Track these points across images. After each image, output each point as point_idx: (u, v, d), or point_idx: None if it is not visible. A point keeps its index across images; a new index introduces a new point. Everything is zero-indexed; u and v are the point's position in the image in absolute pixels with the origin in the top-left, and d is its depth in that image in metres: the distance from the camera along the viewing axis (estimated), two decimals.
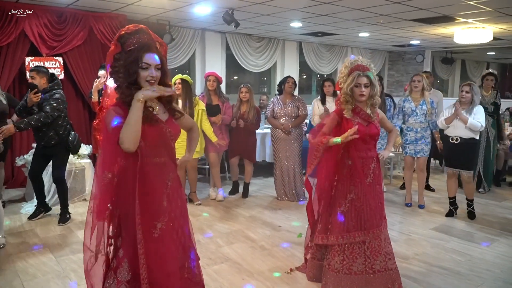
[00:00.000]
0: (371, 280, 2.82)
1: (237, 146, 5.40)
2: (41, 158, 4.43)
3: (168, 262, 1.97)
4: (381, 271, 2.84)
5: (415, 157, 5.04)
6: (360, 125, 2.82)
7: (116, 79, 1.94)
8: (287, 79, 5.34)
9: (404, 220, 4.68)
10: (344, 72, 2.90)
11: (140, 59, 1.91)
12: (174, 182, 2.08)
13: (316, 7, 5.74)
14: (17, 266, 3.35)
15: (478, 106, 4.49)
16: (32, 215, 4.54)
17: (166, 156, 2.04)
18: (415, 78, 4.95)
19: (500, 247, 3.90)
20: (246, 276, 3.23)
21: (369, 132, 2.88)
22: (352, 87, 2.82)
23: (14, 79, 5.71)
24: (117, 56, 1.95)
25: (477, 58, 12.53)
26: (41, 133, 4.25)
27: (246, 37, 8.35)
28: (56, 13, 5.78)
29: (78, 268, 3.31)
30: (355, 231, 2.83)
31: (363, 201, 2.85)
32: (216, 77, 5.27)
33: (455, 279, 3.22)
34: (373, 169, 2.92)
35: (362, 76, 2.82)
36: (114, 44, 1.97)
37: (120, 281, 1.94)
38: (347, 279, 2.82)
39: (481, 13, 5.86)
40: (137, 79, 1.93)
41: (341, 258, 2.84)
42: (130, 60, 1.91)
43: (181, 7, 5.81)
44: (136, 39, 1.95)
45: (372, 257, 2.83)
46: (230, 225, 4.45)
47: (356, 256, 2.83)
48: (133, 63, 1.91)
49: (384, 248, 2.88)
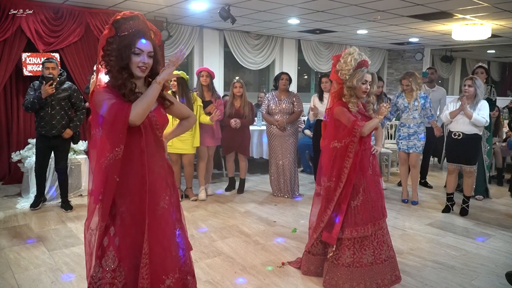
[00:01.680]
0: (379, 270, 2.86)
1: (232, 142, 5.39)
2: (47, 152, 4.58)
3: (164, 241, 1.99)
4: (386, 260, 2.90)
5: (408, 153, 5.03)
6: (363, 119, 2.90)
7: (107, 62, 1.94)
8: (281, 76, 5.31)
9: (399, 216, 4.66)
10: (352, 65, 2.83)
11: (133, 44, 1.91)
12: (162, 170, 2.06)
13: (313, 3, 5.72)
14: (9, 259, 3.35)
15: (482, 100, 4.47)
16: (33, 204, 4.65)
17: (153, 145, 2.02)
18: (403, 82, 5.00)
19: (496, 243, 3.87)
20: (239, 269, 3.22)
21: None
22: (360, 83, 2.86)
23: (11, 75, 5.71)
24: (110, 40, 1.94)
25: (477, 57, 12.48)
26: (55, 121, 4.46)
27: (244, 34, 8.35)
28: (52, 9, 5.78)
29: (70, 261, 3.31)
30: (366, 224, 2.85)
31: (368, 193, 2.88)
32: (209, 72, 5.26)
33: (449, 273, 3.20)
34: (371, 161, 2.97)
35: (368, 73, 2.85)
36: (109, 28, 1.96)
37: (106, 270, 1.93)
38: (358, 272, 2.81)
39: (479, 8, 5.83)
40: (128, 64, 1.93)
41: (351, 252, 2.83)
42: (123, 44, 1.91)
43: (177, 3, 5.81)
44: (131, 25, 1.95)
45: (379, 248, 2.88)
46: (225, 220, 4.44)
47: (365, 248, 2.84)
48: (126, 47, 1.91)
49: (387, 237, 2.95)
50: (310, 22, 7.17)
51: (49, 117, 4.44)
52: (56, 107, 4.48)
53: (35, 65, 5.67)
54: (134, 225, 1.94)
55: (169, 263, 2.01)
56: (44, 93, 4.28)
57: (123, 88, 1.92)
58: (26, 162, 4.97)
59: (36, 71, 5.61)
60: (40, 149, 4.56)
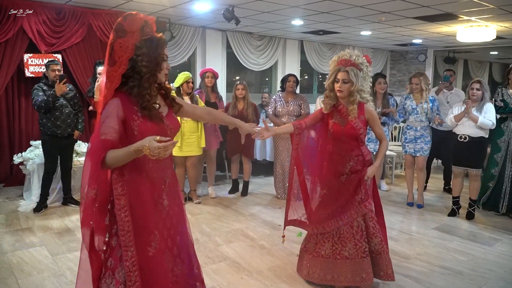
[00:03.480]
0: (337, 265, 2.85)
1: (236, 144, 5.34)
2: (57, 153, 4.63)
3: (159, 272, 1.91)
4: (351, 258, 2.82)
5: (415, 156, 4.98)
6: (335, 125, 2.83)
7: (139, 68, 1.82)
8: (288, 78, 5.28)
9: (405, 220, 4.62)
10: (331, 66, 2.88)
11: (163, 48, 1.88)
12: (172, 179, 2.03)
13: (318, 4, 5.67)
14: (12, 264, 3.30)
15: (488, 103, 4.42)
16: (37, 209, 4.62)
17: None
18: (413, 81, 4.93)
19: (503, 247, 3.83)
20: (245, 275, 3.18)
21: (345, 133, 2.82)
22: (332, 82, 2.80)
23: (13, 76, 5.66)
24: (139, 44, 1.83)
25: (479, 58, 12.45)
26: (69, 120, 4.56)
27: (247, 35, 8.30)
28: (55, 10, 5.73)
29: (74, 267, 3.25)
30: (327, 222, 2.90)
31: (334, 196, 2.90)
32: (214, 73, 5.22)
33: (457, 279, 3.16)
34: (350, 167, 2.86)
35: (342, 71, 2.75)
36: (135, 32, 1.84)
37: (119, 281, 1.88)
38: (317, 261, 2.94)
39: (484, 10, 5.78)
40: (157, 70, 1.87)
41: (314, 242, 2.97)
42: (154, 47, 1.83)
43: (181, 4, 5.76)
44: (149, 28, 1.89)
45: (340, 243, 2.85)
46: (229, 223, 4.40)
47: (324, 241, 2.91)
48: (158, 51, 1.85)
49: (355, 235, 2.83)
50: (314, 23, 7.13)
51: (65, 116, 4.53)
52: (68, 107, 4.58)
53: (37, 66, 5.62)
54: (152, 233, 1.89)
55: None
56: (58, 91, 4.33)
57: (148, 99, 1.82)
58: (28, 164, 4.92)
59: (38, 72, 5.56)
60: (50, 151, 4.56)
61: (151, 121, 1.83)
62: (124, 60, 1.79)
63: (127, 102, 1.81)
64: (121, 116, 1.79)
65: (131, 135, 1.81)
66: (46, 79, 4.52)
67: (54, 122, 4.47)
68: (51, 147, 4.55)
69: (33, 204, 4.70)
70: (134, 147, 1.68)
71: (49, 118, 4.46)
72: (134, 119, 1.81)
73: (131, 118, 1.80)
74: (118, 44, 1.80)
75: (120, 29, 1.82)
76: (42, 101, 4.33)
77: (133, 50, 1.81)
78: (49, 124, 4.47)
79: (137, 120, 1.81)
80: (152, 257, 1.86)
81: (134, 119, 1.81)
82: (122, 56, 1.79)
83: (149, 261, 1.86)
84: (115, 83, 1.80)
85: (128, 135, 1.81)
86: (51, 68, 4.47)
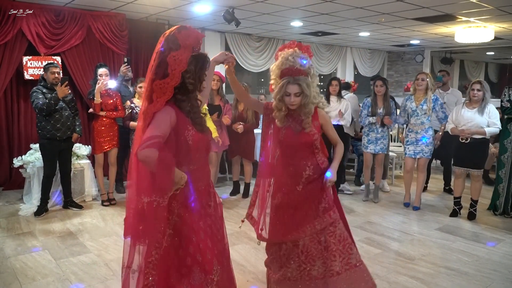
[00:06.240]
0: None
1: (237, 146, 5.34)
2: (56, 156, 4.61)
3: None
4: (320, 278, 2.48)
5: (416, 158, 4.95)
6: (289, 131, 2.52)
7: (188, 85, 1.87)
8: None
9: (407, 220, 4.63)
10: (276, 73, 2.48)
11: (206, 65, 1.93)
12: (212, 185, 2.16)
13: (317, 6, 5.68)
14: (15, 269, 3.27)
15: (489, 104, 4.41)
16: (38, 212, 4.60)
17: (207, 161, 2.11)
18: (419, 77, 4.82)
19: (507, 247, 3.85)
20: (251, 278, 3.17)
21: (299, 140, 2.52)
22: (281, 96, 2.44)
23: (11, 79, 5.62)
24: (189, 61, 1.84)
25: (476, 58, 12.52)
26: (69, 122, 4.57)
27: (245, 36, 8.30)
28: (54, 12, 5.69)
29: (78, 271, 3.24)
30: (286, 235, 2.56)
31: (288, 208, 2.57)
32: (220, 77, 5.21)
33: (463, 280, 3.17)
34: (307, 176, 2.54)
35: (292, 84, 2.38)
36: (188, 46, 1.82)
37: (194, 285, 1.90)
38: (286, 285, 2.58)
39: (483, 11, 5.82)
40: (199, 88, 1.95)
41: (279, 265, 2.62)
42: (200, 65, 1.88)
43: (181, 6, 5.75)
44: (199, 46, 1.92)
45: (308, 262, 2.51)
46: (232, 226, 4.37)
47: (290, 261, 2.55)
48: (202, 70, 1.90)
49: (323, 252, 2.50)
50: (313, 24, 7.14)
51: (65, 118, 4.52)
52: (67, 109, 4.58)
53: (36, 69, 5.58)
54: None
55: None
56: (61, 93, 4.32)
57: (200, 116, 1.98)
58: (28, 168, 4.88)
59: (37, 74, 5.51)
60: (49, 154, 4.53)
61: (201, 133, 1.94)
62: (177, 73, 1.80)
63: (179, 112, 1.89)
64: (173, 124, 1.85)
65: (184, 143, 1.89)
66: (45, 82, 4.49)
67: (54, 125, 4.44)
68: (50, 151, 4.51)
69: (34, 208, 4.67)
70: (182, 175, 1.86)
71: (48, 121, 4.42)
72: (188, 129, 1.89)
73: (185, 128, 1.89)
74: (172, 57, 1.80)
75: (174, 42, 1.82)
76: (44, 103, 4.29)
77: (186, 64, 1.82)
78: (49, 127, 4.43)
79: (191, 131, 1.90)
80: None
81: (188, 129, 1.89)
82: (175, 69, 1.80)
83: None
84: (167, 95, 1.83)
85: (181, 142, 1.89)
86: (51, 70, 4.44)
